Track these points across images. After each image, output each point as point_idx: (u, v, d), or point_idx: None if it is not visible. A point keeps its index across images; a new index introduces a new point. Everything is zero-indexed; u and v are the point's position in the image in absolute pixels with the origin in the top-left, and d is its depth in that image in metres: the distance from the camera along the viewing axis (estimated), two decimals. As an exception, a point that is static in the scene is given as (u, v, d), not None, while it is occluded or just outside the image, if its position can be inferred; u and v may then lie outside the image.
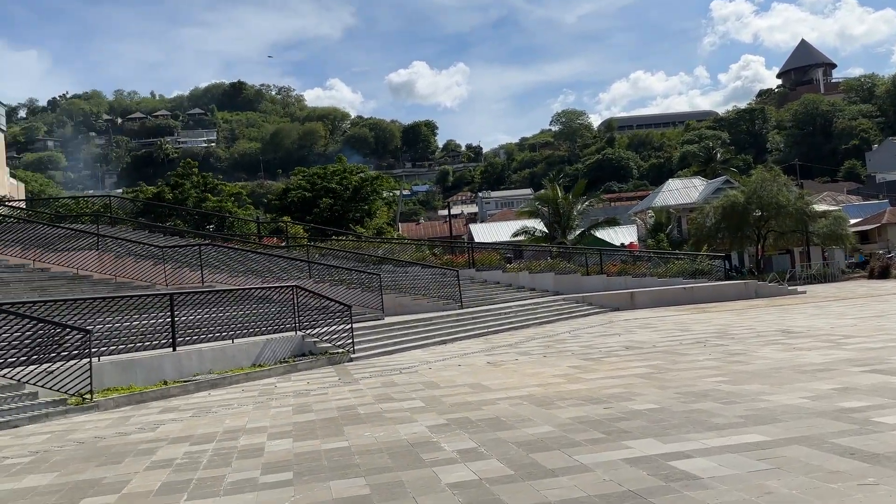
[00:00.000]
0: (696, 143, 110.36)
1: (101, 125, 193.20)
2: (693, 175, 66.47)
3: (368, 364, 15.08)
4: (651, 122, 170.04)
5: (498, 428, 7.49)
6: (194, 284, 19.83)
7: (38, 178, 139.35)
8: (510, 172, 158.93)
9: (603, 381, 10.35)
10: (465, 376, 11.92)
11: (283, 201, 43.58)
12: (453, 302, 24.42)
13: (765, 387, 8.85)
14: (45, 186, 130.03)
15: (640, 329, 18.58)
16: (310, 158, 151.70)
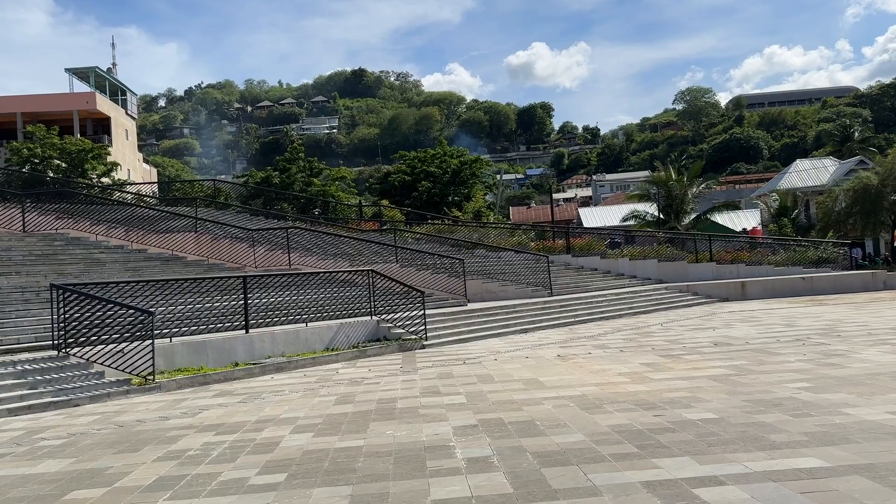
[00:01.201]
0: (833, 121, 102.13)
1: (232, 113, 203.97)
2: (828, 155, 61.42)
3: (438, 352, 14.68)
4: (784, 100, 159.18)
5: (526, 434, 6.84)
6: (282, 267, 20.17)
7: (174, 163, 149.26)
8: (629, 154, 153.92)
9: (670, 382, 9.41)
10: (525, 370, 11.26)
11: (383, 185, 43.95)
12: (542, 289, 23.60)
13: (851, 396, 7.66)
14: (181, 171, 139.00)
15: (740, 323, 17.09)
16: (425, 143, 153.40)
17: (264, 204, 36.36)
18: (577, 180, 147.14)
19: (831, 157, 58.68)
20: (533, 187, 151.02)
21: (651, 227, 43.04)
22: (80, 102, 51.47)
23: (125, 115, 59.06)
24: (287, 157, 39.32)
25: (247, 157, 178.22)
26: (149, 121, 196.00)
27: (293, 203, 35.85)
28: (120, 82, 62.04)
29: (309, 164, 39.47)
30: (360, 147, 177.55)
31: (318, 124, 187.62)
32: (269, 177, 39.09)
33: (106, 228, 21.16)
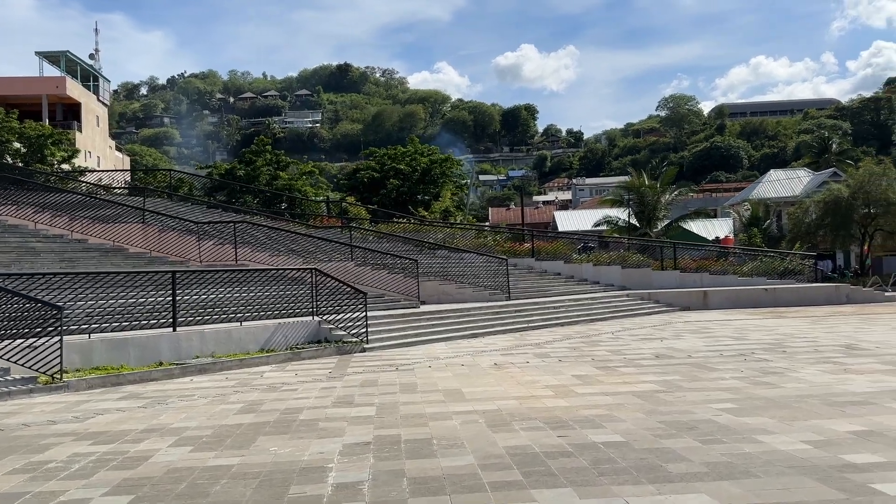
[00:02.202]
0: (812, 132, 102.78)
1: (214, 104, 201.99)
2: (806, 166, 61.60)
3: (376, 356, 14.17)
4: (766, 110, 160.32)
5: (415, 455, 6.35)
6: (228, 262, 19.55)
7: (152, 152, 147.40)
8: (611, 159, 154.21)
9: (594, 397, 8.96)
10: (453, 380, 10.78)
11: (351, 182, 43.26)
12: (501, 292, 23.16)
13: (772, 421, 7.25)
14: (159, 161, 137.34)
15: (691, 334, 16.74)
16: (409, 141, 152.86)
17: (228, 197, 35.62)
18: (559, 183, 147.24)
19: (807, 168, 58.87)
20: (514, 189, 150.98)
21: (623, 233, 42.83)
22: (49, 87, 50.28)
23: (97, 101, 57.90)
24: (253, 149, 38.54)
25: (227, 149, 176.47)
26: (129, 108, 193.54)
27: (258, 197, 35.14)
28: (92, 68, 60.83)
29: (276, 158, 38.74)
30: (343, 142, 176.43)
31: (300, 118, 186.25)
32: (233, 169, 38.30)
33: (50, 217, 20.43)
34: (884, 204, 35.62)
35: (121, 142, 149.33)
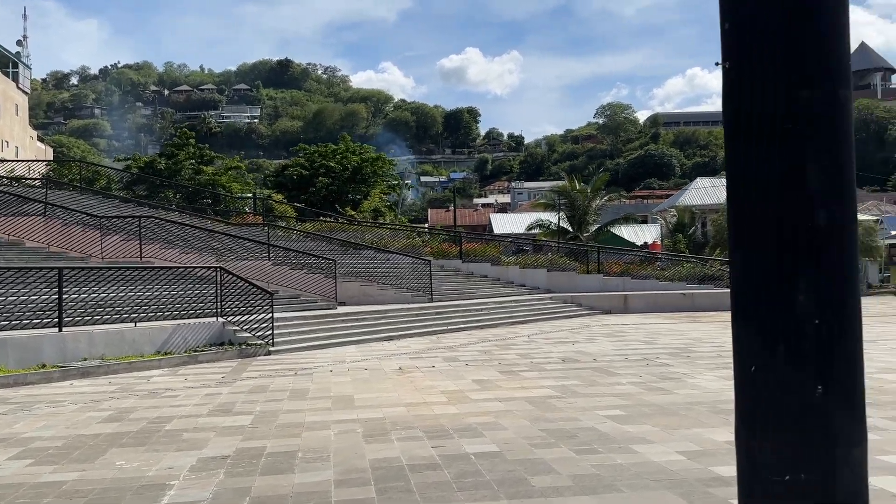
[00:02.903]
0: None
1: (148, 96, 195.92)
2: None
3: (279, 360, 13.64)
4: (699, 120, 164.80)
5: (272, 470, 5.93)
6: (132, 259, 18.65)
7: (80, 144, 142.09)
8: (550, 164, 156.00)
9: (486, 403, 8.70)
10: (350, 385, 10.38)
11: (279, 179, 42.28)
12: (423, 294, 22.84)
13: (655, 430, 7.10)
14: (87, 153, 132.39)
15: (604, 338, 16.74)
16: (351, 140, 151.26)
17: (149, 191, 34.29)
18: (499, 186, 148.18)
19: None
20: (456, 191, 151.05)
21: (555, 237, 43.16)
22: (-40, 72, 47.70)
23: (16, 88, 55.19)
24: (175, 141, 37.19)
25: (160, 142, 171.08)
26: (58, 98, 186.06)
27: (181, 192, 33.92)
28: (11, 54, 57.96)
29: (200, 151, 37.47)
30: (283, 139, 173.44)
31: (238, 113, 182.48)
32: (153, 162, 36.89)
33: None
34: (801, 213, 36.77)
35: (47, 133, 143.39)
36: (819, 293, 1.72)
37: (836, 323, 1.73)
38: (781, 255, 1.74)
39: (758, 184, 1.78)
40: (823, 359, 1.72)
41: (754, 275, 1.80)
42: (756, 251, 1.79)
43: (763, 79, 1.76)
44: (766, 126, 1.76)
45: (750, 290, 1.81)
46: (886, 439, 6.46)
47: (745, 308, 1.82)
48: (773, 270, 1.76)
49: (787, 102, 1.73)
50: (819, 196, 1.72)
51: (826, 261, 1.72)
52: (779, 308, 1.75)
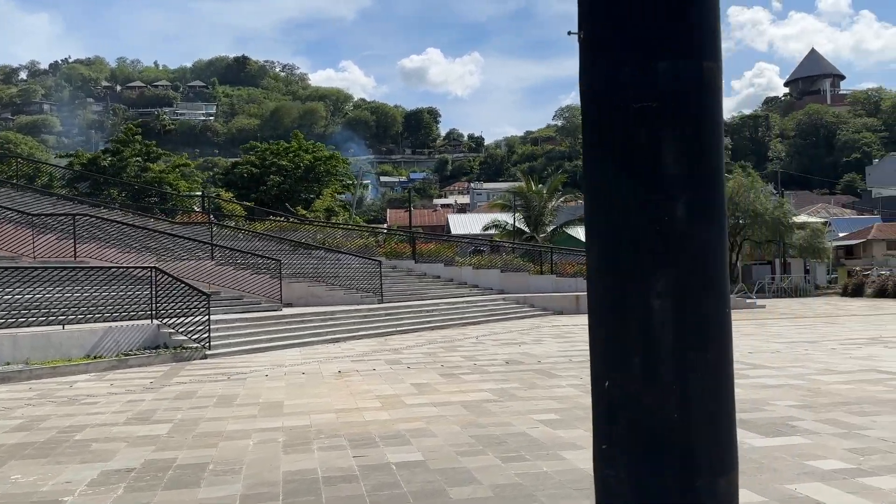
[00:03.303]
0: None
1: (99, 92, 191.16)
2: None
3: (214, 364, 13.16)
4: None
5: (177, 485, 5.57)
6: (67, 258, 17.89)
7: (28, 140, 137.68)
8: (510, 165, 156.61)
9: (420, 409, 8.43)
10: (282, 391, 10.00)
11: (228, 177, 41.38)
12: (373, 295, 22.48)
13: (585, 434, 6.89)
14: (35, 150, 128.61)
15: (552, 339, 16.63)
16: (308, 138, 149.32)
17: (93, 189, 33.21)
18: (459, 187, 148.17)
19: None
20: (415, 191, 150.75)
21: (511, 237, 43.16)
22: None
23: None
24: (121, 138, 36.08)
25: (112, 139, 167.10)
26: (5, 94, 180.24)
27: (126, 189, 32.91)
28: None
29: (146, 148, 36.42)
30: (239, 137, 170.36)
31: (193, 110, 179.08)
32: (97, 159, 35.72)
33: None
34: (751, 215, 37.43)
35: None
36: (677, 297, 1.48)
37: (699, 331, 1.50)
38: (636, 252, 1.50)
39: (612, 168, 1.54)
40: (683, 374, 1.48)
41: (607, 275, 1.55)
42: (610, 246, 1.55)
43: (619, 49, 1.52)
44: (621, 103, 1.51)
45: (604, 292, 1.57)
46: (816, 443, 6.37)
47: (600, 314, 1.58)
48: (627, 270, 1.52)
49: (643, 76, 1.49)
50: (678, 184, 1.48)
51: (686, 259, 1.48)
52: (633, 314, 1.51)
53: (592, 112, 1.57)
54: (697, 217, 1.48)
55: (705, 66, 1.50)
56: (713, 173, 1.51)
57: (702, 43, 1.50)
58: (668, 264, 1.47)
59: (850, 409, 7.86)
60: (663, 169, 1.48)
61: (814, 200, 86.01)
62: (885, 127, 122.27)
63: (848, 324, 19.70)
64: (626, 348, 1.51)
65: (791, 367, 11.31)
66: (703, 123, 1.50)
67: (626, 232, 1.51)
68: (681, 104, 1.48)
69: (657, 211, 1.47)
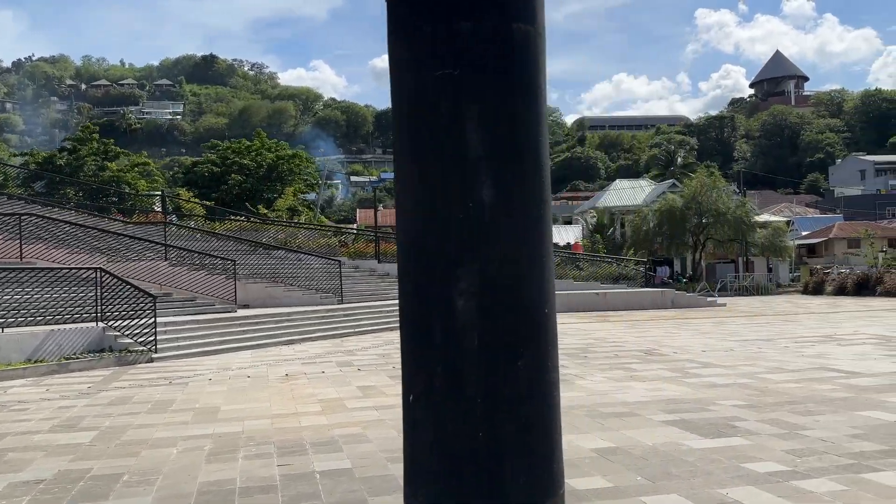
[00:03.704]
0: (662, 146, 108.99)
1: (63, 90, 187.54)
2: (654, 178, 64.74)
3: (160, 368, 12.77)
4: (623, 124, 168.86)
5: (85, 497, 5.27)
6: (11, 260, 17.30)
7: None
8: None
9: (361, 413, 8.19)
10: (222, 395, 9.68)
11: (188, 176, 40.61)
12: (333, 296, 22.16)
13: (525, 440, 6.70)
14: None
15: (510, 340, 16.45)
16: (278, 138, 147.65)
17: (48, 189, 32.36)
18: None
19: (652, 179, 61.91)
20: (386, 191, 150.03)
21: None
22: None
23: None
24: (78, 136, 35.20)
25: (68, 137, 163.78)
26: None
27: (83, 189, 32.11)
28: None
29: (104, 147, 35.58)
30: (206, 136, 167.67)
31: (160, 109, 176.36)
32: (53, 157, 34.80)
33: None
34: (714, 214, 37.76)
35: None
36: (484, 296, 1.27)
37: (510, 335, 1.29)
38: (438, 245, 1.29)
39: (413, 146, 1.32)
40: (491, 386, 1.27)
41: (411, 271, 1.34)
42: (413, 239, 1.33)
43: (418, 4, 1.30)
44: (422, 69, 1.30)
45: (407, 291, 1.35)
46: (755, 444, 6.26)
47: (408, 315, 1.36)
48: (429, 266, 1.30)
49: (442, 38, 1.27)
50: (483, 165, 1.27)
51: (493, 253, 1.27)
52: (435, 317, 1.29)
53: (394, 80, 1.35)
54: (507, 204, 1.27)
55: (517, 28, 1.29)
56: (529, 153, 1.31)
57: (513, 0, 1.29)
58: (473, 259, 1.26)
59: (795, 409, 7.80)
60: (467, 148, 1.26)
61: (778, 200, 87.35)
62: (847, 128, 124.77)
63: (805, 321, 19.86)
64: (429, 356, 1.30)
65: (742, 365, 11.28)
66: (516, 96, 1.29)
67: (428, 222, 1.29)
68: (489, 73, 1.27)
69: (460, 197, 1.26)
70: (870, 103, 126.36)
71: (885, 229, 51.19)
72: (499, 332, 1.27)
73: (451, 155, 1.27)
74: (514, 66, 1.29)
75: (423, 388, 1.31)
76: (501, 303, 1.27)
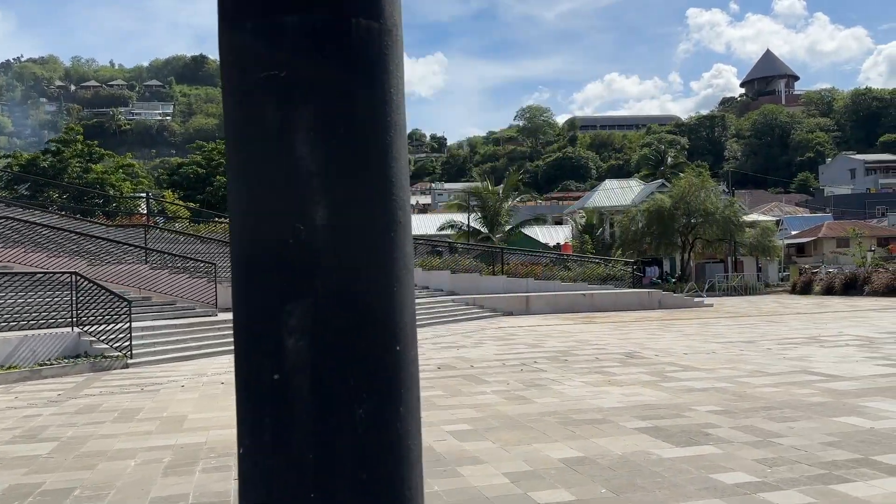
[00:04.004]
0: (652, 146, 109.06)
1: (53, 91, 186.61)
2: (644, 177, 64.70)
3: (134, 374, 12.55)
4: (614, 124, 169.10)
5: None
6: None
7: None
8: (472, 165, 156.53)
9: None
10: (192, 403, 9.48)
11: (173, 177, 40.29)
12: (317, 299, 21.91)
13: (492, 447, 6.54)
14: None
15: (493, 342, 16.32)
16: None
17: (32, 191, 32.03)
18: (422, 187, 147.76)
19: (641, 179, 61.86)
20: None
21: (467, 237, 42.93)
22: None
23: None
24: (62, 138, 34.85)
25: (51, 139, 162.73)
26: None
27: (67, 191, 31.77)
28: None
29: (88, 149, 35.24)
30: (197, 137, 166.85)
31: (150, 110, 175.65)
32: (36, 159, 34.44)
33: None
34: (703, 213, 37.72)
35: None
36: (316, 334, 1.10)
37: (350, 380, 1.11)
38: (269, 272, 1.12)
39: (243, 160, 1.15)
40: (325, 441, 1.10)
41: (244, 301, 1.17)
42: (245, 264, 1.16)
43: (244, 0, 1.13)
44: (249, 71, 1.13)
45: (241, 324, 1.18)
46: (726, 453, 6.11)
47: (239, 354, 1.19)
48: (258, 300, 1.13)
49: (270, 35, 1.10)
50: (317, 183, 1.10)
51: (328, 283, 1.10)
52: (264, 358, 1.12)
53: (223, 82, 1.18)
54: (345, 227, 1.10)
55: (357, 23, 1.12)
56: (375, 167, 1.14)
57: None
58: (305, 291, 1.09)
59: (771, 415, 7.66)
60: (297, 161, 1.09)
61: (768, 199, 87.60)
62: (837, 127, 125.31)
63: (790, 322, 19.78)
64: (256, 404, 1.13)
65: (722, 368, 11.15)
66: (357, 101, 1.12)
67: (256, 248, 1.12)
68: (319, 75, 1.10)
69: (290, 219, 1.09)
70: (860, 102, 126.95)
71: (873, 228, 51.35)
72: (335, 377, 1.10)
73: (279, 170, 1.10)
74: (356, 67, 1.12)
75: (251, 441, 1.14)
76: (339, 342, 1.10)
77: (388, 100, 1.16)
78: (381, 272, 1.14)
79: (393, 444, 1.15)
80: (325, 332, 1.10)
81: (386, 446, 1.14)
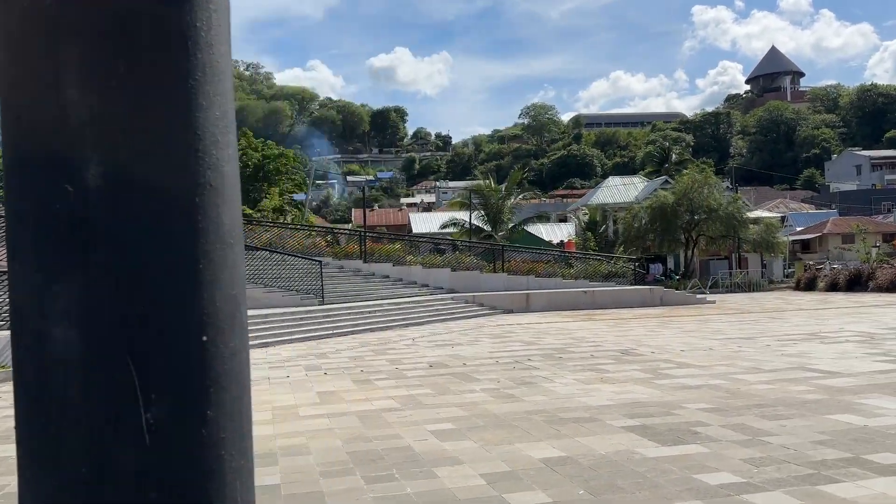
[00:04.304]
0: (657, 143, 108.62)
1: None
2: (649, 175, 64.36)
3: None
4: (619, 121, 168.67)
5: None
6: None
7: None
8: (477, 163, 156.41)
9: (311, 421, 7.83)
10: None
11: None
12: (314, 296, 21.79)
13: (473, 447, 6.34)
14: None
15: (489, 339, 16.11)
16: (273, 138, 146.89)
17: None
18: (427, 185, 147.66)
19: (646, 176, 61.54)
20: (383, 190, 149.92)
21: (471, 235, 42.72)
22: None
23: None
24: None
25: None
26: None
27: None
28: None
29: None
30: None
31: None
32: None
33: None
34: (706, 210, 37.42)
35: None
36: (93, 323, 0.89)
37: (139, 381, 0.91)
38: (34, 246, 0.92)
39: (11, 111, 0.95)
40: (99, 459, 0.89)
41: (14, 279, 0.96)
42: (12, 237, 0.95)
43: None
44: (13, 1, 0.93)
45: (14, 309, 0.97)
46: (713, 452, 5.88)
47: (12, 348, 0.98)
48: (25, 277, 0.93)
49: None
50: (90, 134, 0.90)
51: (112, 259, 0.90)
52: (27, 351, 0.92)
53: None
54: (128, 190, 0.90)
55: None
56: (170, 116, 0.93)
57: None
58: (75, 269, 0.89)
59: (763, 413, 7.43)
60: (67, 108, 0.89)
61: (774, 196, 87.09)
62: (843, 123, 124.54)
63: (792, 319, 19.50)
64: (29, 406, 0.93)
65: (718, 365, 10.91)
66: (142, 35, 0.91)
67: (22, 216, 0.92)
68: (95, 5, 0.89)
69: (56, 180, 0.89)
70: (865, 98, 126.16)
71: (878, 224, 50.91)
72: (113, 374, 0.89)
73: (46, 120, 0.90)
74: None
75: (22, 453, 0.94)
76: (117, 332, 0.90)
77: (195, 26, 0.95)
78: (179, 245, 0.93)
79: (195, 456, 0.94)
80: (100, 319, 0.89)
81: (186, 459, 0.93)
